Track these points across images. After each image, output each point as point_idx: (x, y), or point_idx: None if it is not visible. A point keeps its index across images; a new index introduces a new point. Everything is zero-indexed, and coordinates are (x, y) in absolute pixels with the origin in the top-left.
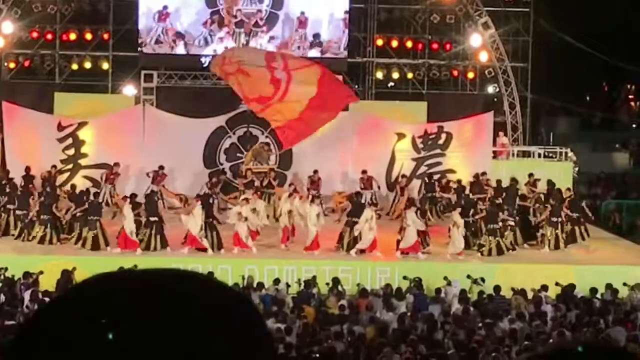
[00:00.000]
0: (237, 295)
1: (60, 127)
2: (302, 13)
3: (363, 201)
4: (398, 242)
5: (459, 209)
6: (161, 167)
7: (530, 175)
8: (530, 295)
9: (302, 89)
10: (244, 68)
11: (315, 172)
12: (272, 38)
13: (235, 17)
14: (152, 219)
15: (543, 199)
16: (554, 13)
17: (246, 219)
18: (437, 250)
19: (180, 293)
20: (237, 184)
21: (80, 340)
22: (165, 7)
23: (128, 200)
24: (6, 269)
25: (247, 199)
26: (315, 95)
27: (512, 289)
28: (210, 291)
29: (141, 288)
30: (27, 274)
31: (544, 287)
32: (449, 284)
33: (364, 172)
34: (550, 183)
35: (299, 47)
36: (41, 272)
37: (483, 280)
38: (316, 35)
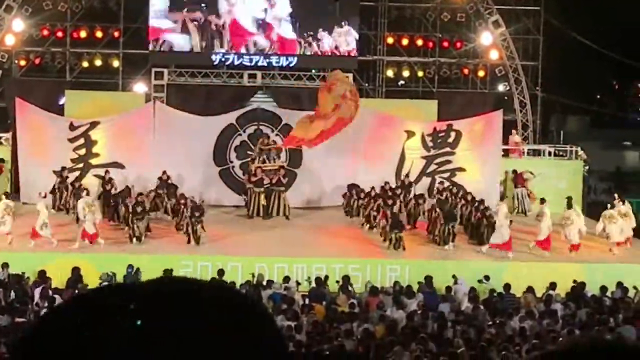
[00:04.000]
0: (247, 299)
1: (72, 127)
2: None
3: None
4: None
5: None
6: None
7: None
8: (539, 293)
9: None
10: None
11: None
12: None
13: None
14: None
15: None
16: (565, 11)
17: None
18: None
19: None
20: (246, 181)
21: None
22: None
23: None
24: (7, 264)
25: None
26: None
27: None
28: (218, 294)
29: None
30: (40, 273)
31: (552, 286)
32: (456, 282)
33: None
34: None
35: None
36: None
37: (487, 278)
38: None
